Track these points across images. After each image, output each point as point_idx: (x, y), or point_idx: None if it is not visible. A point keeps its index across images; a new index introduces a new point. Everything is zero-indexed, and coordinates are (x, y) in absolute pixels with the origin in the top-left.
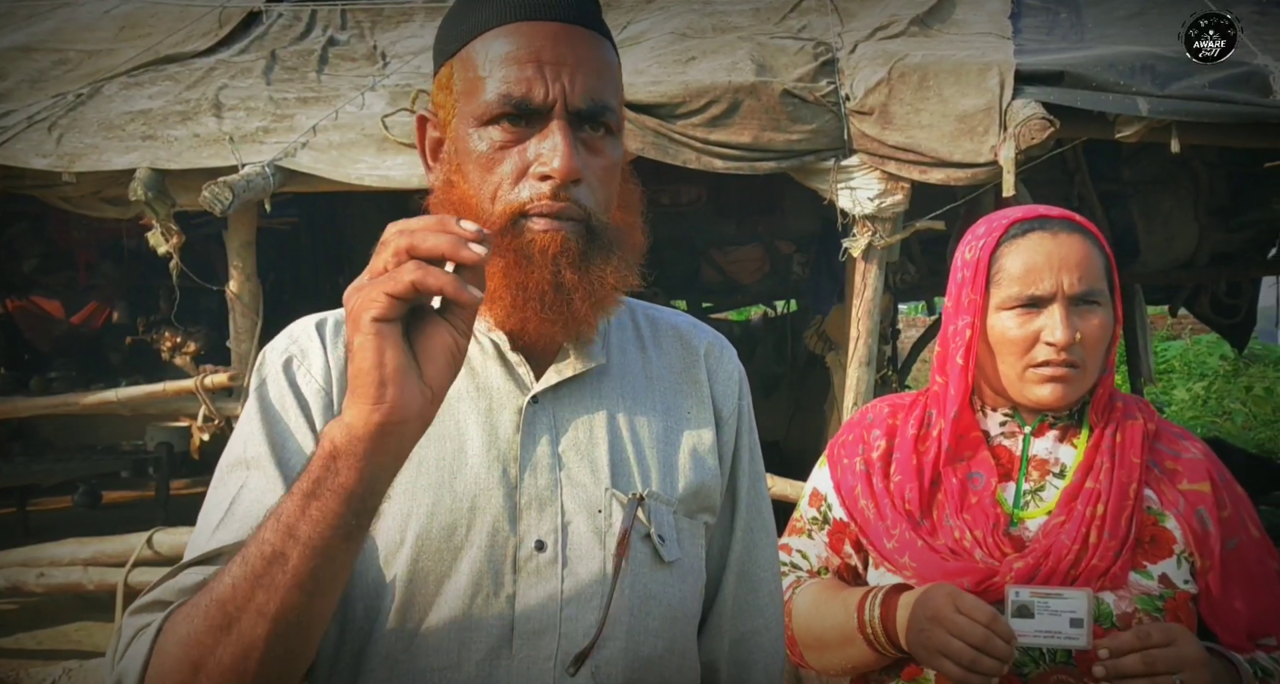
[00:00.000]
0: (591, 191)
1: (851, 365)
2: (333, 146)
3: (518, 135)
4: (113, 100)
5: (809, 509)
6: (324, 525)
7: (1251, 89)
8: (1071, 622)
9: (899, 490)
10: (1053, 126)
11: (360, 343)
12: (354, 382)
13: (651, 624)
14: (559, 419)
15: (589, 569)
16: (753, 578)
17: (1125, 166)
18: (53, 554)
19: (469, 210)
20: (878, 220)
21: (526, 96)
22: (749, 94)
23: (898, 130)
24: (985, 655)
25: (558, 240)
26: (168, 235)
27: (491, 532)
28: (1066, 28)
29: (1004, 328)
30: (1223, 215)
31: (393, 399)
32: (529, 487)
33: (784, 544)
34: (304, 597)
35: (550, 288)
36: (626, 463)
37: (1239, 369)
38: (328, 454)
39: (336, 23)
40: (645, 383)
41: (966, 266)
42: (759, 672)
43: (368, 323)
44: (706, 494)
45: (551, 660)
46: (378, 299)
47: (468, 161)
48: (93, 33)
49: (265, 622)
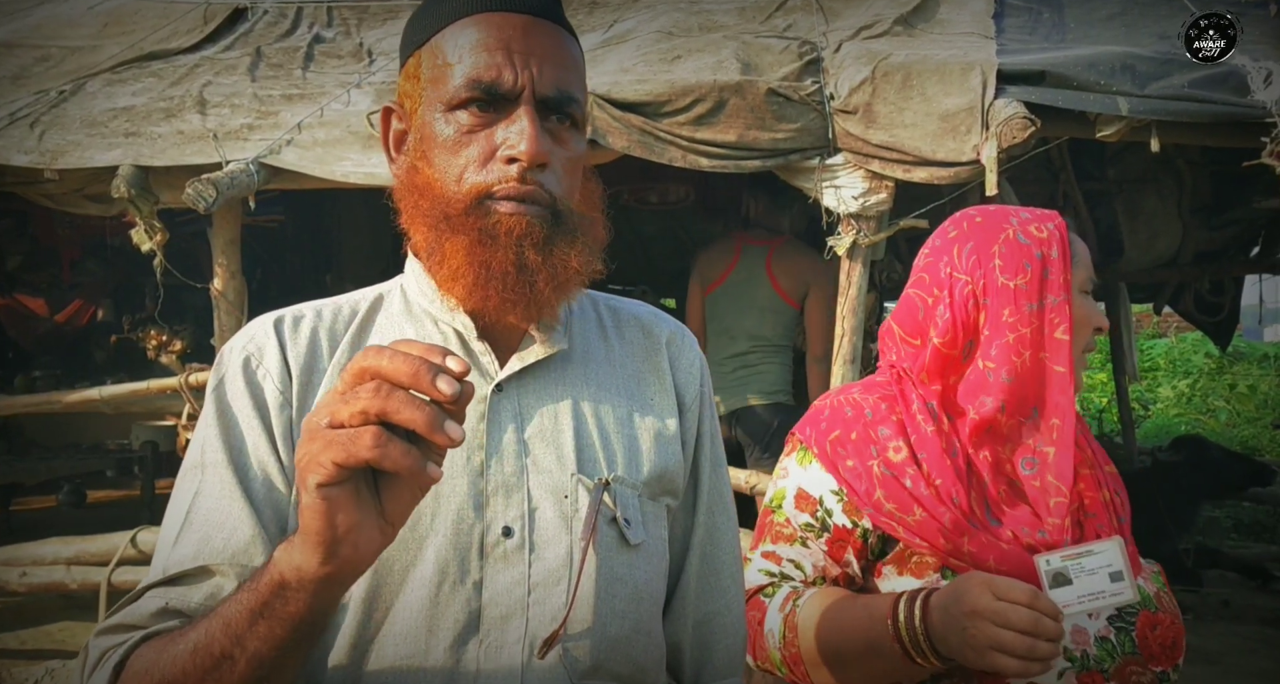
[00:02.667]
0: (557, 178)
1: (837, 363)
2: (318, 144)
3: (485, 120)
4: (96, 97)
5: (798, 514)
6: (271, 644)
7: (1229, 89)
8: (1110, 576)
9: (946, 493)
10: (1034, 126)
11: (308, 504)
12: (303, 535)
13: (618, 606)
14: (524, 406)
15: (556, 554)
16: (715, 560)
17: (1110, 165)
18: (35, 553)
19: (433, 193)
20: (862, 219)
21: (496, 81)
22: (734, 92)
23: (881, 129)
24: (1039, 639)
25: (522, 223)
26: (151, 233)
27: (457, 519)
28: (1049, 28)
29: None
30: (1206, 214)
31: (346, 556)
32: (495, 473)
33: (771, 552)
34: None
35: (513, 268)
36: (592, 448)
37: (1223, 367)
38: (276, 583)
39: (323, 20)
40: (609, 369)
41: (1040, 261)
42: (721, 652)
43: (313, 488)
44: (670, 478)
45: (520, 644)
46: (325, 466)
47: (433, 147)
48: (76, 29)
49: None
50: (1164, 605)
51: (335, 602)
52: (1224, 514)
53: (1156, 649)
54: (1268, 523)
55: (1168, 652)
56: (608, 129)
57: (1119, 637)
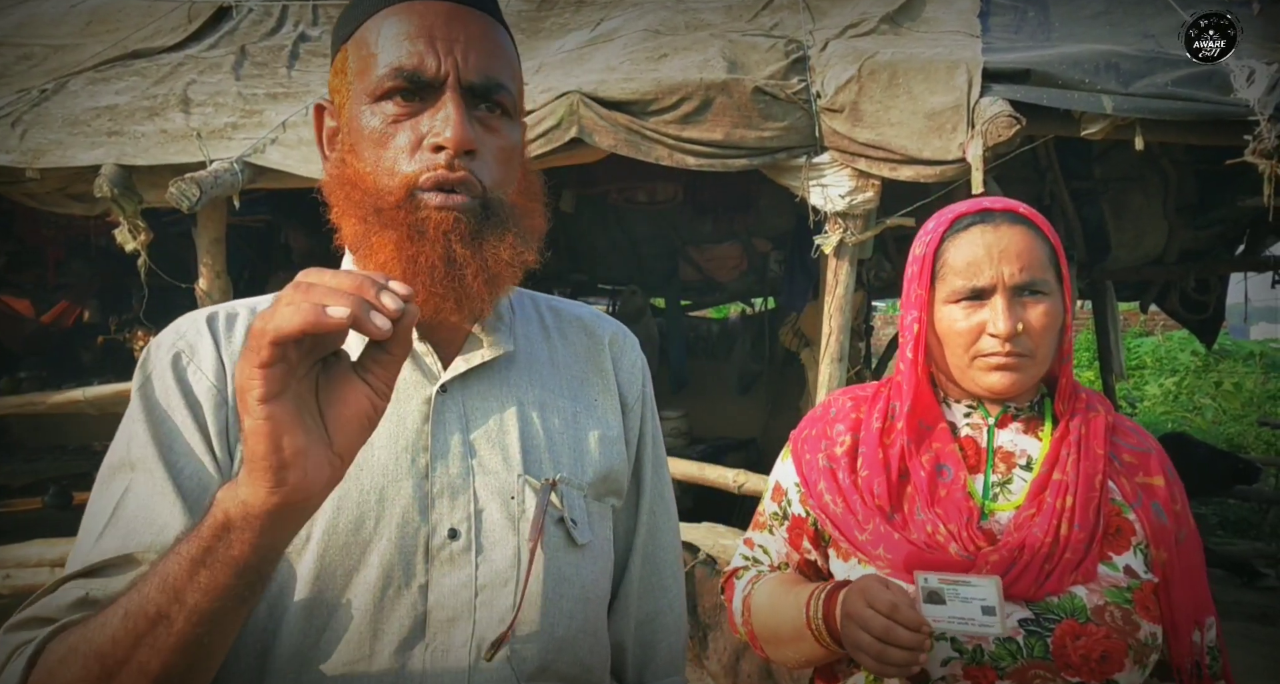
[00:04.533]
0: (487, 167)
1: (824, 361)
2: (303, 142)
3: (411, 109)
4: (78, 96)
5: (770, 504)
6: (213, 595)
7: (1212, 87)
8: (983, 609)
9: (867, 485)
10: (1019, 124)
11: (252, 428)
12: (249, 464)
13: (565, 606)
14: (469, 407)
15: (503, 555)
16: (656, 559)
17: (1096, 164)
18: (20, 555)
19: (363, 186)
20: (849, 217)
21: (418, 69)
22: (721, 91)
23: (868, 127)
24: (890, 645)
25: (449, 218)
26: (135, 232)
27: (401, 522)
28: (1034, 26)
29: (950, 321)
30: (1191, 213)
31: (295, 482)
32: (440, 475)
33: (747, 538)
34: (189, 659)
35: (441, 262)
36: (538, 449)
37: (1209, 365)
38: (220, 524)
39: (307, 18)
40: (552, 370)
41: (915, 262)
42: (663, 650)
43: (255, 406)
44: (615, 478)
45: (467, 647)
46: (251, 375)
47: (361, 139)
48: (58, 28)
49: (146, 681)
50: (1105, 620)
51: (280, 547)
52: (1210, 511)
53: (1075, 659)
54: (1253, 520)
55: (1092, 665)
56: (594, 128)
57: (1028, 640)
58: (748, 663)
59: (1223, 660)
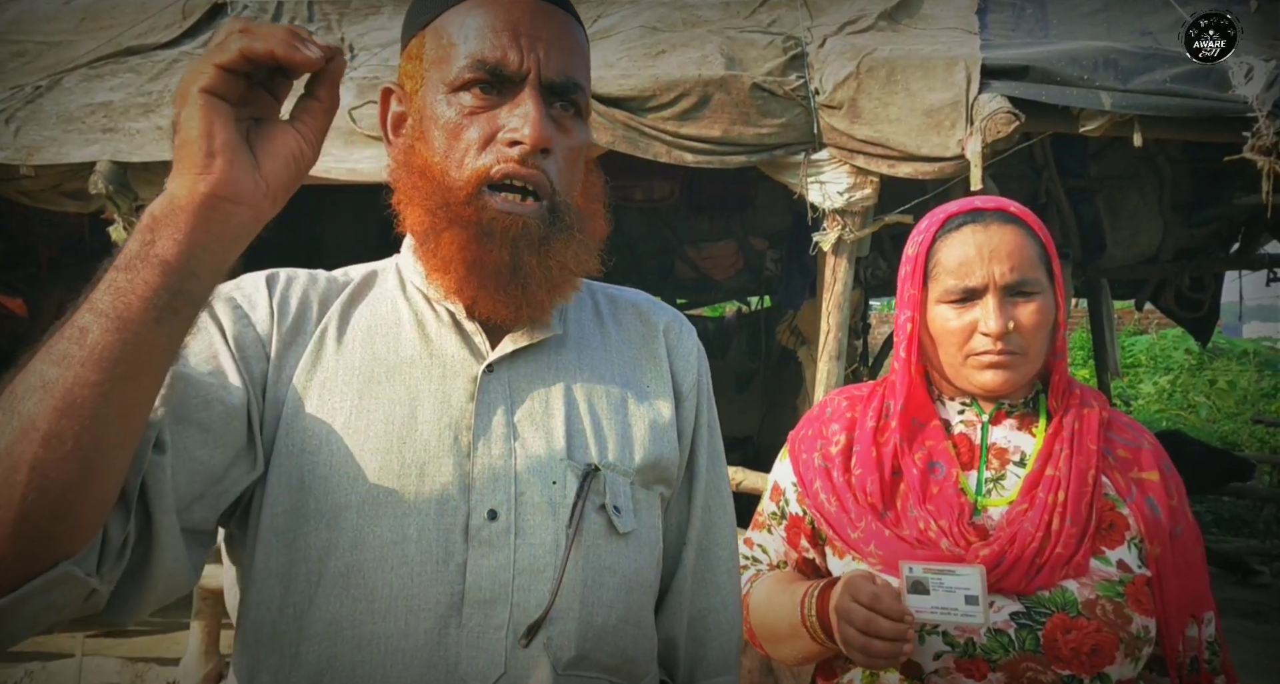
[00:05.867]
0: (559, 168)
1: (822, 359)
2: None
3: (488, 103)
4: (72, 92)
5: (769, 503)
6: (133, 295)
7: (1210, 84)
8: (967, 599)
9: (860, 483)
10: (1018, 120)
11: (187, 115)
12: (179, 152)
13: (605, 595)
14: (515, 388)
15: (542, 539)
16: (711, 555)
17: (1092, 162)
18: None
19: (432, 176)
20: (847, 214)
21: (501, 62)
22: (719, 87)
23: (866, 124)
24: (873, 637)
25: (519, 223)
26: (130, 230)
27: (441, 498)
28: (1032, 23)
29: (943, 320)
30: (1186, 211)
31: (221, 171)
32: (482, 455)
33: (746, 538)
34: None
35: (507, 269)
36: (582, 433)
37: (1203, 363)
38: (146, 227)
39: (303, 15)
40: (603, 355)
41: (907, 262)
42: (715, 648)
43: (195, 94)
44: (664, 467)
45: (503, 631)
46: (205, 70)
47: (434, 127)
48: (52, 24)
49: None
50: (1097, 614)
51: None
52: (1204, 509)
53: (1066, 653)
54: (1247, 517)
55: (1082, 658)
56: (592, 124)
57: (1020, 633)
58: (749, 659)
59: (1223, 655)
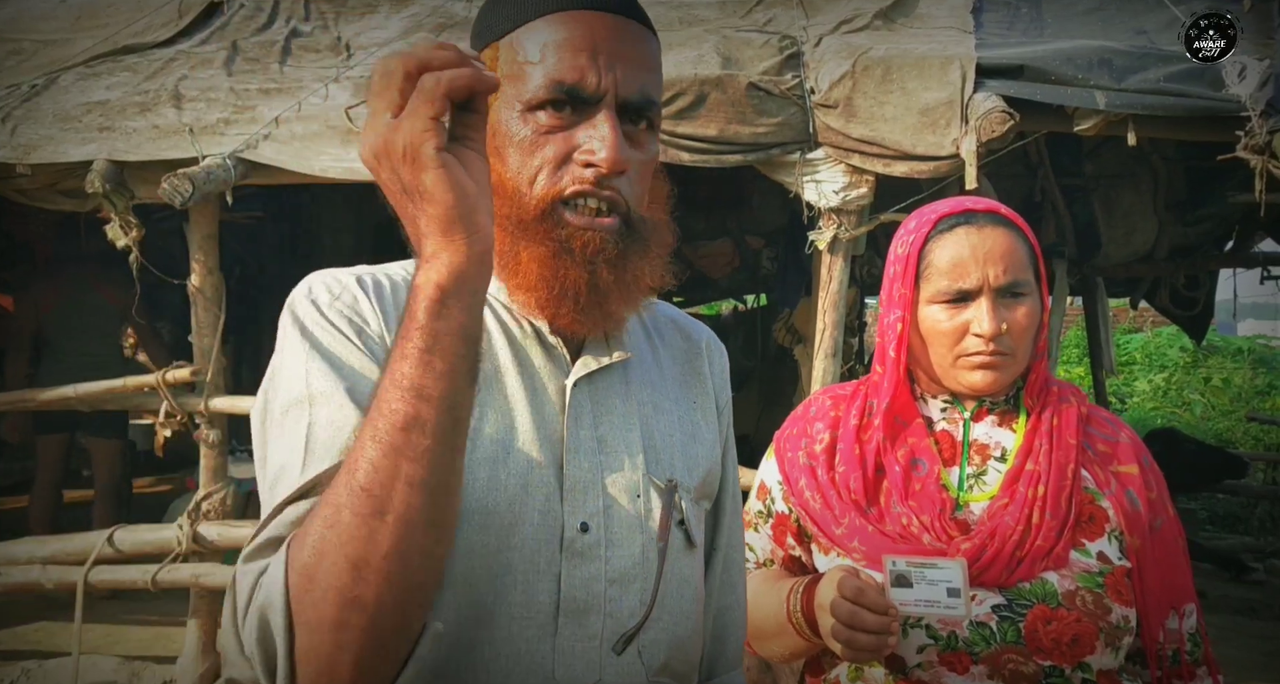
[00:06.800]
0: (631, 184)
1: (817, 357)
2: (295, 138)
3: (564, 122)
4: (69, 91)
5: (755, 502)
6: (451, 375)
7: (1205, 83)
8: (949, 591)
9: (844, 481)
10: (1013, 119)
11: (432, 180)
12: (438, 223)
13: (685, 606)
14: (595, 403)
15: (630, 551)
16: (730, 557)
17: (1087, 161)
18: (10, 553)
19: (504, 192)
20: (843, 213)
21: (579, 83)
22: (715, 86)
23: (862, 123)
24: (857, 630)
25: (596, 239)
26: (127, 228)
27: (543, 510)
28: (1027, 22)
29: (934, 320)
30: (1180, 209)
31: (484, 226)
32: (573, 468)
33: None
34: (447, 456)
35: (586, 287)
36: (655, 450)
37: (1198, 361)
38: (436, 301)
39: (300, 13)
40: (658, 372)
41: (897, 261)
42: (731, 643)
43: (432, 156)
44: (710, 482)
45: (596, 640)
46: (427, 127)
47: (507, 144)
48: (48, 23)
49: (417, 493)
50: (1077, 604)
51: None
52: (1199, 506)
53: (1047, 643)
54: (1242, 515)
55: (1063, 648)
56: None
57: (1001, 625)
58: (746, 657)
59: (1205, 647)
